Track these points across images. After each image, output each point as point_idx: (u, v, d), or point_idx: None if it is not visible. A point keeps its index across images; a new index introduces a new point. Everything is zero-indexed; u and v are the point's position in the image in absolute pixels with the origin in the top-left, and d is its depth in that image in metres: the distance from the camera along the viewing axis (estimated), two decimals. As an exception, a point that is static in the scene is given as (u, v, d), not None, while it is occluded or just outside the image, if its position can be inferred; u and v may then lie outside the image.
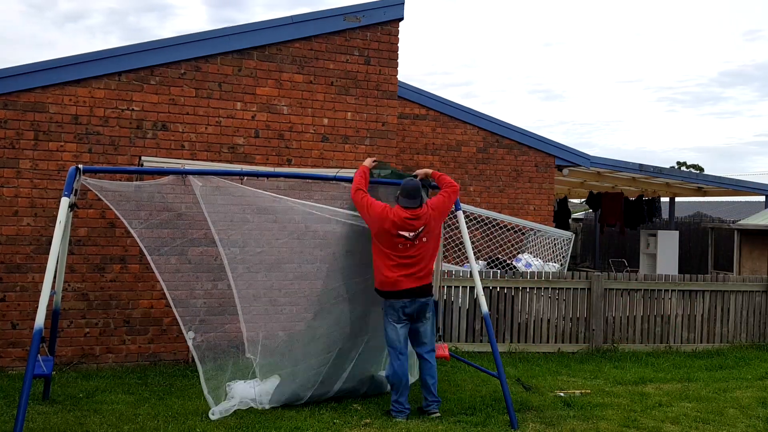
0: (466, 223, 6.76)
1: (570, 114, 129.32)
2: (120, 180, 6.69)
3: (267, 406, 5.91)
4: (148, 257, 5.86)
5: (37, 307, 4.90)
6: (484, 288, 8.32)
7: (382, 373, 6.64)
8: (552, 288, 9.03)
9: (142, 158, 7.06)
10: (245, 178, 5.92)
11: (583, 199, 23.83)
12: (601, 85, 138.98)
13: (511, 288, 8.91)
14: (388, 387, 6.59)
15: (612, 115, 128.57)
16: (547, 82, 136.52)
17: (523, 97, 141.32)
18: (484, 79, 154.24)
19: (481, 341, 8.70)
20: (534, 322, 8.93)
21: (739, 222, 14.14)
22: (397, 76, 8.55)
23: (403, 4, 8.45)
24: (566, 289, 9.05)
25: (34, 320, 4.95)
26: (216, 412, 5.62)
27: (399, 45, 8.52)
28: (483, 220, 10.73)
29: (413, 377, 6.48)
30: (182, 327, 6.01)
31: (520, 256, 10.50)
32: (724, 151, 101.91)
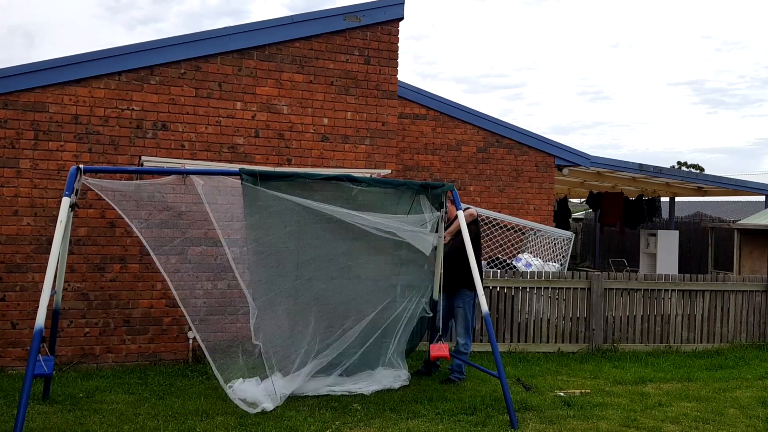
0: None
1: (611, 115, 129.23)
2: (120, 180, 6.70)
3: (280, 401, 5.96)
4: (153, 256, 5.87)
5: (37, 306, 4.90)
6: (484, 288, 8.31)
7: (386, 372, 6.67)
8: (552, 288, 9.03)
9: (142, 158, 7.08)
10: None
11: (583, 199, 23.83)
12: (653, 86, 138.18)
13: (511, 288, 8.91)
14: (389, 384, 6.60)
15: (651, 117, 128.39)
16: (600, 83, 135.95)
17: (570, 99, 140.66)
18: (537, 81, 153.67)
19: (481, 341, 8.70)
20: (534, 321, 8.93)
21: (739, 222, 14.15)
22: (397, 76, 8.55)
23: (403, 3, 8.45)
24: (566, 288, 9.05)
25: (34, 320, 4.95)
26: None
27: (399, 45, 8.52)
28: (483, 220, 10.72)
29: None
30: (191, 325, 6.03)
31: (520, 255, 10.50)
32: (746, 151, 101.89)
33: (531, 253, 10.74)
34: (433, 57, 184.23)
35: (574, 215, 24.12)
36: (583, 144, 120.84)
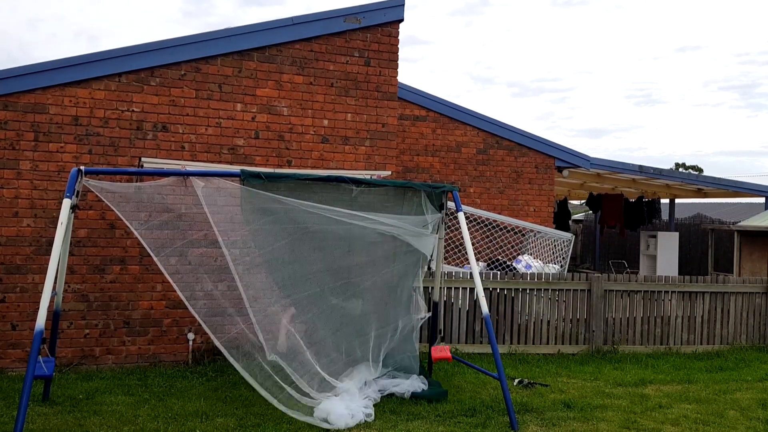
0: (467, 224, 6.77)
1: (651, 119, 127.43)
2: (120, 181, 6.70)
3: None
4: (155, 258, 5.87)
5: (37, 308, 4.90)
6: (484, 289, 8.31)
7: (400, 380, 6.59)
8: (552, 289, 9.02)
9: (142, 159, 7.09)
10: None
11: (583, 201, 23.83)
12: (704, 90, 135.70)
13: (511, 289, 8.91)
14: (395, 390, 6.55)
15: (690, 121, 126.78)
16: (652, 87, 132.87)
17: (616, 102, 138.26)
18: (590, 84, 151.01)
19: (481, 342, 8.70)
20: (534, 323, 8.93)
21: (739, 223, 14.13)
22: (397, 77, 8.55)
23: (403, 5, 8.46)
24: (566, 290, 9.05)
25: (33, 321, 4.95)
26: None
27: (399, 46, 8.53)
28: (483, 222, 10.73)
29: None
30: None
31: (520, 257, 10.50)
32: (763, 153, 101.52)
33: (531, 254, 10.75)
34: (493, 61, 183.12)
35: (574, 217, 24.12)
36: (611, 147, 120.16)
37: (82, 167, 5.46)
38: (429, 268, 7.16)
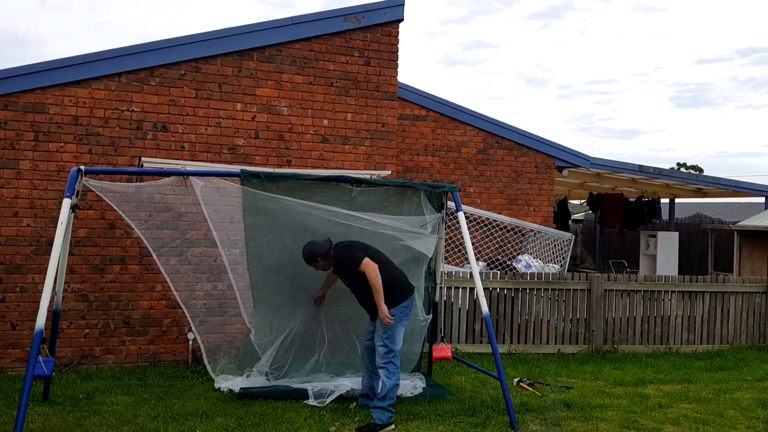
0: (467, 224, 6.75)
1: (689, 121, 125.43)
2: (120, 181, 6.70)
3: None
4: (155, 258, 5.88)
5: (37, 308, 4.90)
6: (484, 289, 8.31)
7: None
8: (552, 289, 9.03)
9: (142, 159, 7.09)
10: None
11: (583, 201, 23.84)
12: (752, 93, 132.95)
13: (511, 289, 8.91)
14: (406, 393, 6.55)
15: (725, 122, 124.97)
16: (702, 89, 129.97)
17: (658, 104, 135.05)
18: (640, 86, 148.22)
19: (480, 342, 8.70)
20: (534, 323, 8.93)
21: (739, 223, 14.13)
22: (397, 77, 8.55)
23: (403, 5, 8.45)
24: (566, 290, 9.05)
25: (33, 321, 4.95)
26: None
27: (399, 46, 8.53)
28: (483, 221, 10.73)
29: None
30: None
31: (520, 257, 10.50)
32: None
33: (531, 254, 10.75)
34: (553, 63, 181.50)
35: (574, 217, 24.12)
36: (640, 148, 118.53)
37: (82, 167, 5.46)
38: (429, 268, 7.14)
